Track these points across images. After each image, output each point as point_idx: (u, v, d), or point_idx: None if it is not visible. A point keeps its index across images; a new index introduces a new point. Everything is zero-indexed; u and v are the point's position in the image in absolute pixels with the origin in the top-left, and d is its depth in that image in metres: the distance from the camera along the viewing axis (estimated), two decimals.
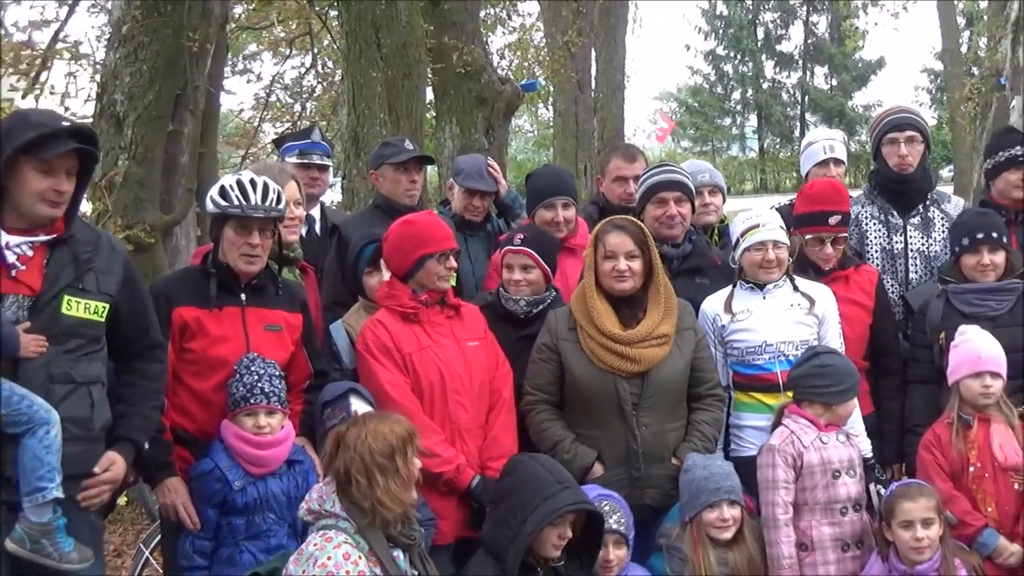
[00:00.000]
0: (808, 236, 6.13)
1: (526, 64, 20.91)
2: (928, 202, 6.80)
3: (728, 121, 63.56)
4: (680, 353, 5.62)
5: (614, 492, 5.35)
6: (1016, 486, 5.50)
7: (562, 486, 4.87)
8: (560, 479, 4.91)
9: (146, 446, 4.91)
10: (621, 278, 5.56)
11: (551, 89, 23.22)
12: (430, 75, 13.90)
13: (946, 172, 48.89)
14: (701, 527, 5.33)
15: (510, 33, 21.90)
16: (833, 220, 6.13)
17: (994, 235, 5.98)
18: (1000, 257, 5.99)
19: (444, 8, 14.40)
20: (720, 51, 61.55)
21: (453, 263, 5.66)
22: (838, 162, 7.05)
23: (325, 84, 19.27)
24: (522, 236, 5.98)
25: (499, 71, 16.64)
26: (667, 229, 6.20)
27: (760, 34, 61.37)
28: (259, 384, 5.08)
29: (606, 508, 5.18)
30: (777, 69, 62.08)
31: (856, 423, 5.76)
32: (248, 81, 20.53)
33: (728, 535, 5.33)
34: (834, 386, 5.45)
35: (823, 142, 7.14)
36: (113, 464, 4.73)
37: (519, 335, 5.91)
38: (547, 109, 27.34)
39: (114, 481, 4.78)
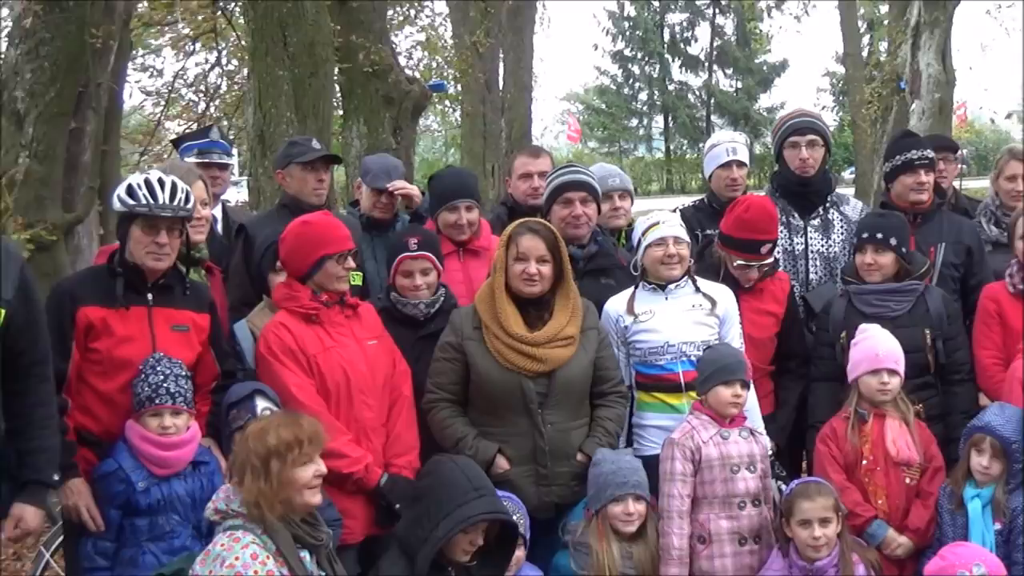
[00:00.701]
0: (739, 260, 6.21)
1: (434, 64, 20.90)
2: (828, 204, 6.95)
3: (635, 122, 63.92)
4: (584, 352, 5.67)
5: (512, 494, 5.40)
6: (907, 480, 5.67)
7: (478, 493, 4.88)
8: (477, 486, 4.92)
9: (56, 477, 4.86)
10: (531, 281, 5.59)
11: (459, 89, 23.21)
12: (337, 74, 13.86)
13: (848, 174, 49.73)
14: (606, 520, 5.39)
15: (418, 32, 21.87)
16: (765, 249, 6.24)
17: (879, 236, 6.10)
18: (886, 258, 6.11)
19: (351, 7, 14.35)
20: (627, 52, 61.88)
21: (351, 263, 5.64)
22: (741, 164, 7.15)
23: (230, 82, 19.09)
24: (416, 241, 5.94)
25: (407, 71, 16.62)
26: (573, 229, 6.23)
27: (667, 36, 61.82)
28: (164, 384, 5.04)
29: (508, 509, 5.22)
30: (684, 71, 62.62)
31: (755, 420, 5.86)
32: (150, 76, 20.18)
33: (632, 528, 5.40)
34: (700, 375, 5.59)
35: (726, 144, 7.24)
36: (21, 519, 4.70)
37: (418, 336, 5.93)
38: (454, 109, 27.31)
39: (28, 533, 4.74)
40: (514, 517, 5.22)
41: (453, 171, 7.31)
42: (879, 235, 6.11)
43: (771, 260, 6.35)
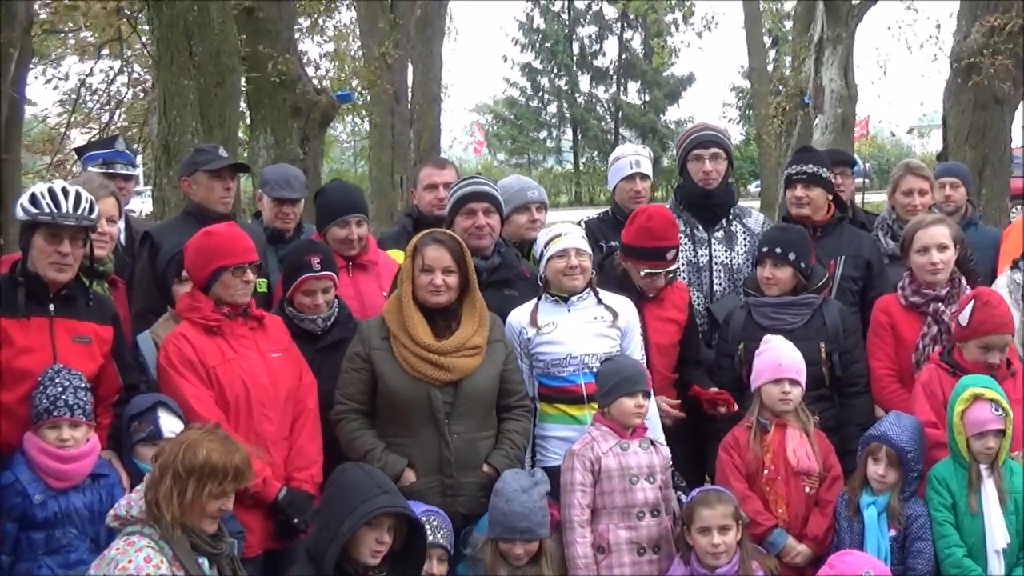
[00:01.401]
0: (644, 270, 6.26)
1: (343, 75, 20.83)
2: (731, 216, 7.05)
3: (544, 134, 64.09)
4: (491, 363, 5.69)
5: (439, 508, 5.42)
6: (806, 489, 5.76)
7: (381, 490, 4.90)
8: (380, 484, 4.95)
9: None
10: (437, 292, 5.60)
11: (367, 100, 23.15)
12: (244, 84, 13.76)
13: (754, 187, 50.33)
14: (495, 550, 5.43)
15: (326, 43, 21.79)
16: (670, 255, 6.32)
17: (777, 250, 6.21)
18: (784, 272, 6.21)
19: (259, 16, 14.25)
20: (536, 64, 62.04)
21: (250, 276, 5.59)
22: (644, 177, 7.25)
23: (135, 91, 18.86)
24: (319, 260, 5.92)
25: (315, 81, 16.55)
26: (476, 240, 6.26)
27: (576, 49, 62.09)
28: (63, 396, 4.97)
29: (433, 523, 5.27)
30: (592, 84, 62.92)
31: (656, 431, 5.93)
32: (55, 88, 19.89)
33: (519, 563, 5.42)
34: (601, 387, 5.63)
35: (630, 157, 7.33)
36: None
37: (316, 349, 5.91)
38: (362, 120, 27.24)
39: None
40: (442, 532, 5.29)
41: (341, 185, 7.28)
42: (777, 249, 6.21)
43: (676, 266, 6.45)
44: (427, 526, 5.21)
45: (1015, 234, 7.14)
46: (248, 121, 15.27)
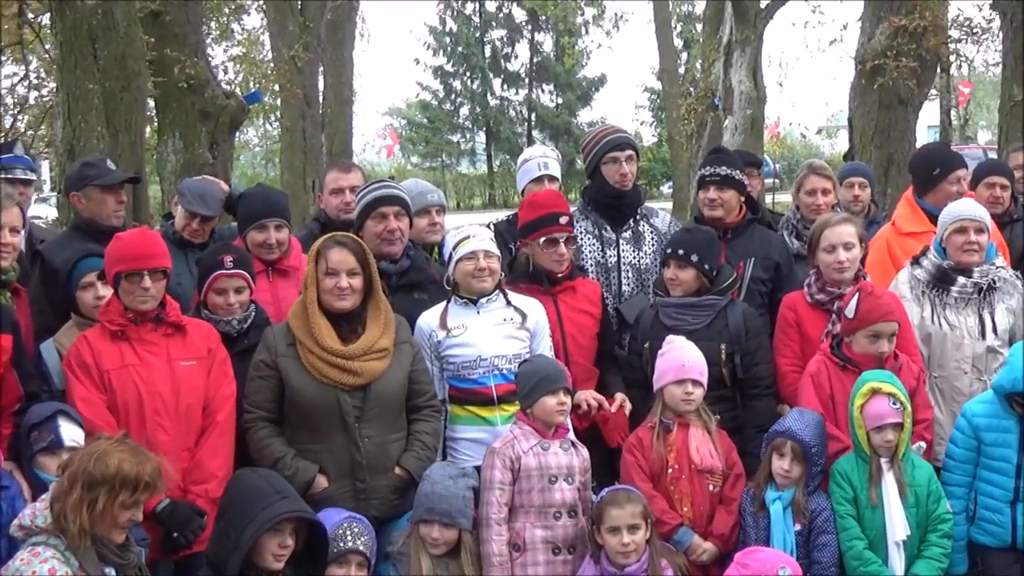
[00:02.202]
0: (542, 239, 6.28)
1: (253, 79, 20.68)
2: (638, 217, 7.08)
3: (457, 137, 64.06)
4: (399, 366, 5.69)
5: (362, 516, 5.39)
6: (710, 487, 5.83)
7: (281, 495, 4.89)
8: (279, 489, 4.94)
9: None
10: (342, 295, 5.57)
11: (278, 103, 23.01)
12: (151, 88, 13.64)
13: (666, 188, 50.76)
14: (418, 538, 5.45)
15: (235, 46, 21.61)
16: (563, 220, 6.36)
17: (680, 252, 6.27)
18: (687, 274, 6.26)
19: (165, 20, 14.14)
20: (449, 67, 61.97)
21: (147, 283, 5.49)
22: (552, 179, 7.28)
23: (38, 95, 18.60)
24: (232, 259, 5.90)
25: (224, 85, 16.43)
26: (388, 245, 6.28)
27: (488, 51, 62.11)
28: None
29: (355, 529, 5.27)
30: (505, 86, 62.97)
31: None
32: None
33: (437, 552, 5.45)
34: (522, 388, 5.66)
35: (538, 159, 7.37)
36: None
37: (232, 352, 5.85)
38: (270, 125, 27.07)
39: None
40: (363, 539, 5.27)
41: (262, 189, 7.23)
42: (680, 251, 6.27)
43: (575, 236, 6.50)
44: (348, 532, 5.23)
45: (878, 251, 7.21)
46: (156, 125, 15.11)
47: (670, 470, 5.80)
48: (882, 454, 5.63)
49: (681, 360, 5.83)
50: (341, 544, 5.20)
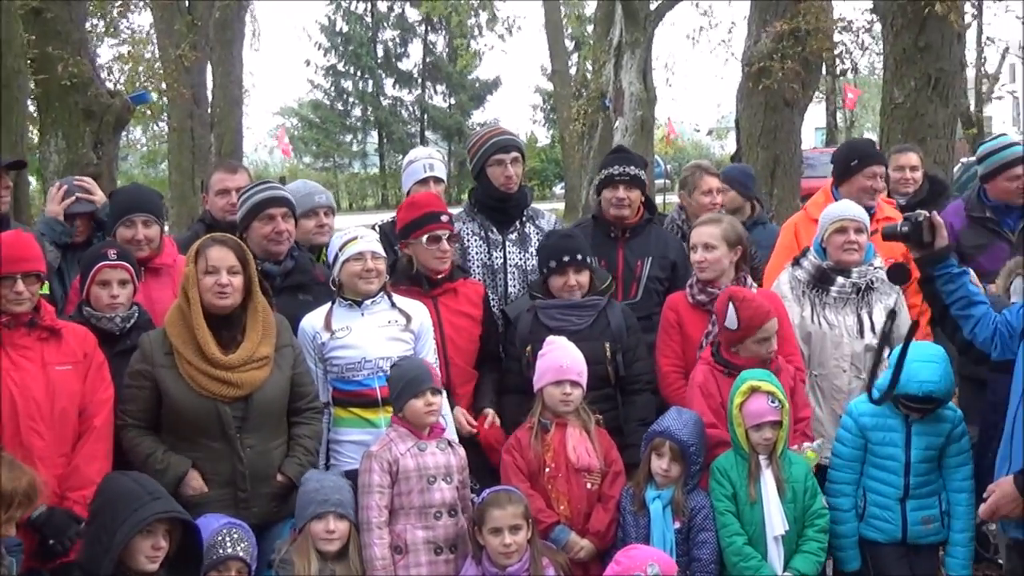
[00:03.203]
0: (425, 237, 6.28)
1: (139, 78, 20.36)
2: (524, 218, 7.10)
3: (350, 137, 63.78)
4: (280, 372, 5.64)
5: (242, 522, 5.35)
6: (588, 485, 5.87)
7: (152, 497, 4.85)
8: (151, 491, 4.90)
9: None
10: (223, 293, 5.50)
11: (165, 103, 22.69)
12: (33, 86, 13.37)
13: (558, 189, 51.05)
14: (309, 538, 5.39)
15: (121, 45, 21.26)
16: (444, 218, 6.37)
17: (579, 257, 6.31)
18: (585, 277, 6.33)
19: (47, 17, 13.82)
20: (340, 67, 61.71)
21: (20, 287, 5.34)
22: (438, 180, 7.29)
23: None
24: (115, 251, 5.81)
25: (108, 84, 16.16)
26: (275, 246, 6.24)
27: (380, 51, 61.93)
28: None
29: (235, 535, 5.22)
30: (397, 87, 62.87)
31: (454, 431, 6.00)
32: None
33: (333, 547, 5.41)
34: (392, 391, 5.66)
35: (423, 160, 7.36)
36: None
37: (115, 352, 5.72)
38: (159, 125, 26.68)
39: None
40: (243, 545, 5.22)
41: (134, 186, 7.11)
42: (579, 256, 6.31)
43: (457, 233, 6.54)
44: (227, 539, 5.18)
45: (786, 234, 7.38)
46: (38, 124, 14.81)
47: (547, 469, 5.83)
48: (760, 451, 5.72)
49: (560, 361, 5.87)
50: (220, 551, 5.15)
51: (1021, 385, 4.79)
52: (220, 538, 5.17)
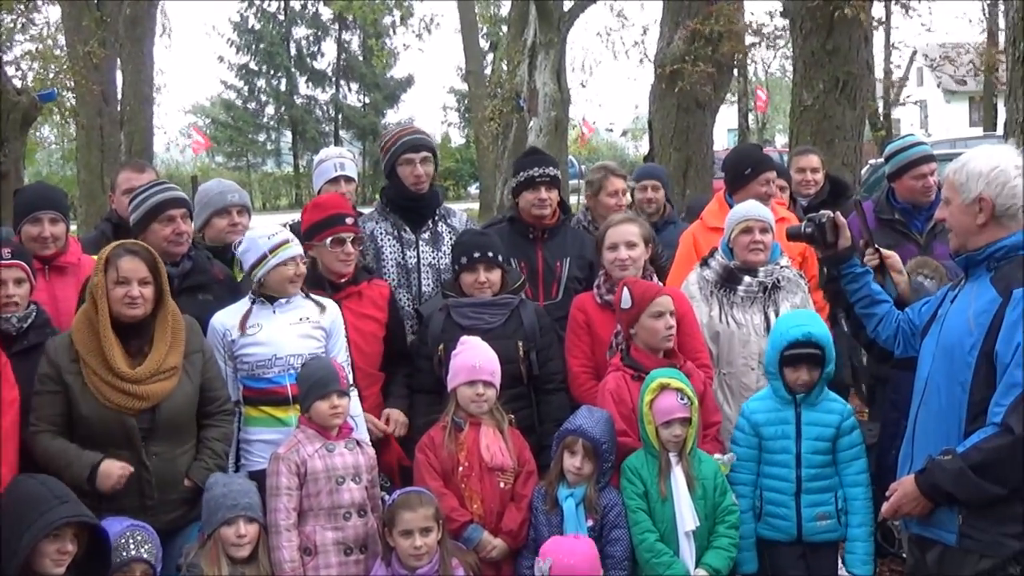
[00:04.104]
0: (329, 239, 6.26)
1: (47, 75, 20.05)
2: (437, 217, 7.09)
3: (263, 136, 63.33)
4: (189, 380, 5.57)
5: (146, 524, 5.27)
6: (501, 484, 5.88)
7: (60, 500, 4.78)
8: (58, 494, 4.83)
9: None
10: (134, 304, 5.41)
11: (74, 101, 22.32)
12: None
13: (473, 189, 51.06)
14: (219, 543, 5.34)
15: (29, 41, 20.92)
16: (349, 220, 6.35)
17: (490, 254, 6.33)
18: (496, 275, 6.35)
19: None
20: (253, 66, 61.24)
21: None
22: (348, 179, 7.29)
23: None
24: (10, 251, 5.69)
25: (15, 81, 15.90)
26: (175, 247, 6.16)
27: (293, 50, 61.56)
28: None
29: (138, 538, 5.16)
30: (310, 85, 62.55)
31: (363, 431, 5.98)
32: None
33: (244, 552, 5.36)
34: (300, 392, 5.64)
35: (334, 160, 7.36)
36: None
37: (11, 353, 5.58)
38: (67, 122, 26.23)
39: None
40: (147, 547, 5.16)
41: (39, 185, 7.07)
42: (490, 253, 6.34)
43: (361, 236, 6.52)
44: (131, 541, 5.13)
45: (685, 243, 7.41)
46: None
47: (461, 468, 5.83)
48: (670, 449, 5.76)
49: (473, 361, 5.88)
50: (124, 553, 5.10)
51: (923, 383, 4.87)
52: (123, 540, 5.12)
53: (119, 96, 24.28)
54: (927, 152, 7.41)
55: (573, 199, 23.73)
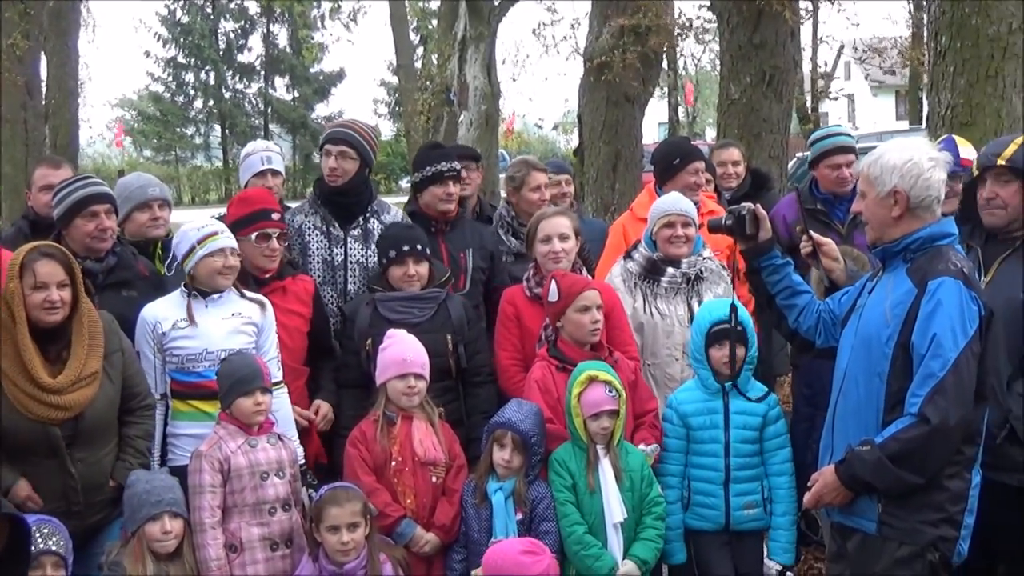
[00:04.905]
0: (254, 234, 6.24)
1: None
2: (368, 214, 7.05)
3: (192, 130, 62.75)
4: (111, 382, 5.50)
5: (52, 518, 5.18)
6: (433, 479, 5.89)
7: None
8: None
9: None
10: (53, 310, 5.29)
11: None
12: None
13: (404, 183, 50.88)
14: (143, 540, 5.29)
15: None
16: (275, 216, 6.34)
17: (419, 247, 6.34)
18: (424, 268, 6.36)
19: None
20: (181, 59, 60.64)
21: None
22: (275, 173, 7.23)
23: None
24: None
25: None
26: (99, 243, 6.10)
27: (221, 43, 61.04)
28: None
29: (45, 531, 5.06)
30: (239, 79, 62.02)
31: (286, 425, 5.95)
32: None
33: (170, 548, 5.32)
34: (221, 389, 5.60)
35: (261, 153, 7.30)
36: None
37: None
38: None
39: None
40: (55, 539, 5.06)
41: None
42: (418, 246, 6.35)
43: (286, 232, 6.52)
44: (38, 535, 5.01)
45: (615, 234, 7.49)
46: None
47: (394, 463, 5.83)
48: (598, 441, 5.78)
49: (403, 355, 5.87)
50: (32, 547, 5.02)
51: (842, 374, 4.93)
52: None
53: (44, 89, 23.97)
54: (844, 143, 7.49)
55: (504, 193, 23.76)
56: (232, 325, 5.91)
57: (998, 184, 5.44)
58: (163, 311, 5.88)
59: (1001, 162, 5.42)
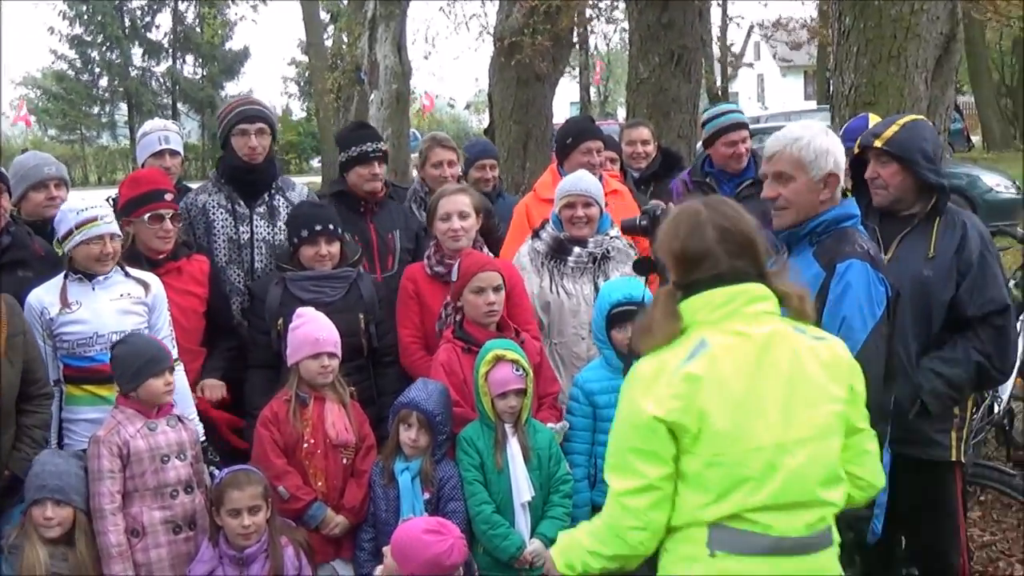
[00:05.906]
0: (147, 215, 6.16)
1: None
2: (274, 191, 7.00)
3: (97, 109, 61.85)
4: (11, 365, 5.38)
5: None
6: (344, 460, 5.85)
7: None
8: None
9: None
10: None
11: None
12: None
13: (316, 162, 50.68)
14: (31, 523, 5.24)
15: None
16: (168, 196, 6.27)
17: (331, 227, 6.29)
18: (336, 248, 6.31)
19: None
20: (86, 36, 59.72)
21: None
22: (174, 153, 7.19)
23: None
24: None
25: None
26: None
27: (127, 21, 60.18)
28: None
29: None
30: (146, 57, 61.24)
31: (185, 406, 5.88)
32: None
33: (52, 534, 5.24)
34: (124, 371, 5.49)
35: (159, 133, 7.26)
36: None
37: None
38: None
39: None
40: None
41: None
42: (331, 226, 6.29)
43: (179, 214, 6.44)
44: None
45: (518, 215, 7.45)
46: None
47: (306, 445, 5.79)
48: (506, 420, 5.76)
49: (316, 333, 5.82)
50: None
51: None
52: None
53: None
54: (739, 119, 7.58)
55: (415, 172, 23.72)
56: (121, 306, 5.80)
57: (879, 164, 5.48)
58: (48, 296, 5.76)
59: (879, 144, 5.45)
